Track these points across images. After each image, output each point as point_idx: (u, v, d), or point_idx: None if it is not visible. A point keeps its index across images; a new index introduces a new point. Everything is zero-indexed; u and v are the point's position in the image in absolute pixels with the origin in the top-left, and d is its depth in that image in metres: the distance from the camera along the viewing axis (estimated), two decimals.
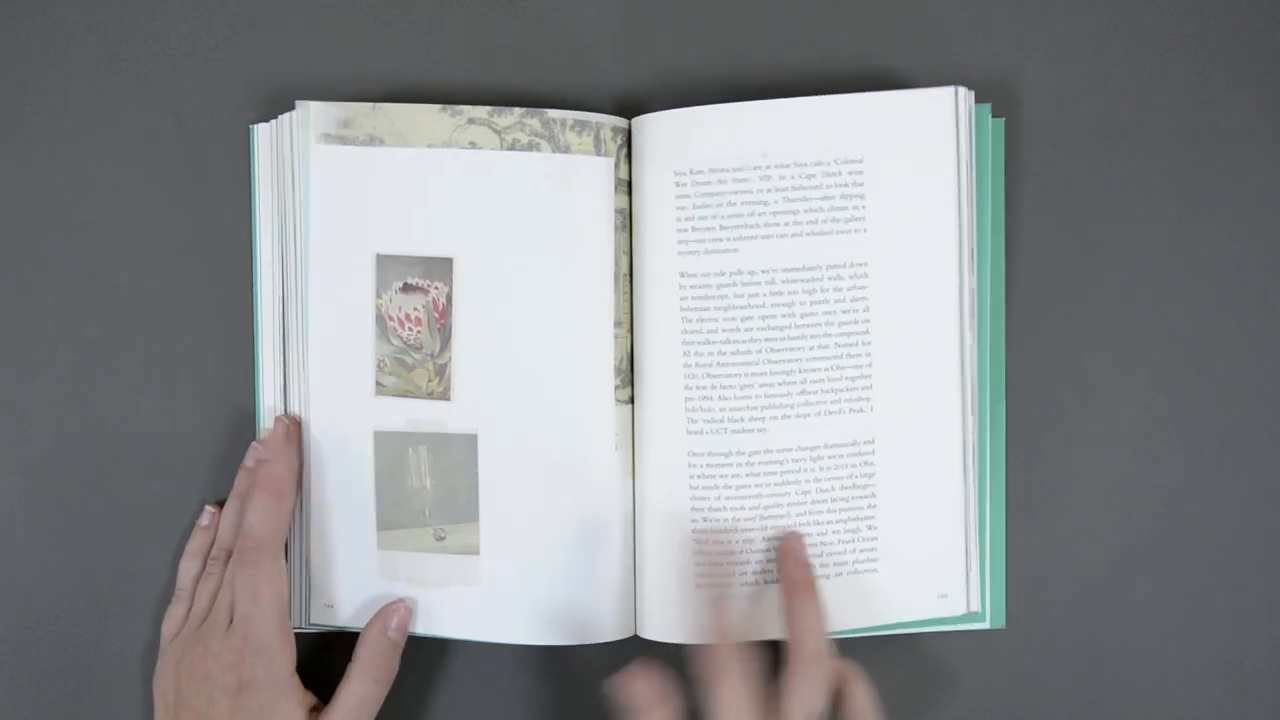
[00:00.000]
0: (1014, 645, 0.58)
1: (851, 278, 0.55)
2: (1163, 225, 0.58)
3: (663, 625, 0.57)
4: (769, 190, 0.55)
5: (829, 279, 0.55)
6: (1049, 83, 0.58)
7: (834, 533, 0.56)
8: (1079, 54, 0.58)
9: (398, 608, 0.56)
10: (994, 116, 0.57)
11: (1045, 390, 0.58)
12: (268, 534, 0.55)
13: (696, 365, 0.55)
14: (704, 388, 0.55)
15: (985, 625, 0.57)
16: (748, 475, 0.55)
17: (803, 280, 0.55)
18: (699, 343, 0.55)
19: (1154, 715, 0.58)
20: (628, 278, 0.57)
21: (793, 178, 0.55)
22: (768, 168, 0.55)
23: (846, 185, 0.55)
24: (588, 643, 0.56)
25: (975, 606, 0.56)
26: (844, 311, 0.55)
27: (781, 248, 0.55)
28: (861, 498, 0.55)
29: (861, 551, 0.56)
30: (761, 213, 0.55)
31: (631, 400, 0.57)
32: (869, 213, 0.55)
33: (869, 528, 0.55)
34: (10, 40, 0.60)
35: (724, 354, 0.55)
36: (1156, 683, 0.57)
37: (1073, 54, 0.58)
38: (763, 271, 0.55)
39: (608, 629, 0.57)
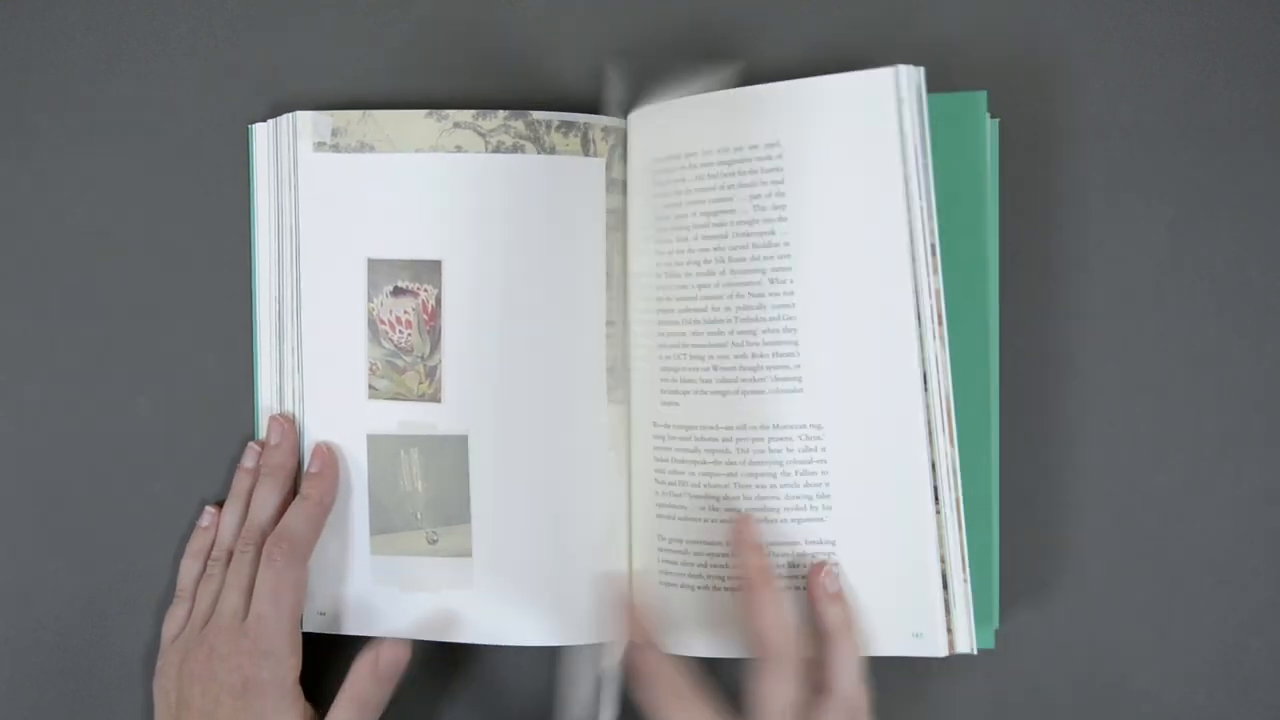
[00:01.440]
0: (1012, 645, 0.58)
1: (775, 271, 0.53)
2: (1162, 225, 0.57)
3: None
4: (698, 180, 0.54)
5: (754, 270, 0.53)
6: (1048, 82, 0.58)
7: (798, 550, 0.53)
8: (1078, 54, 0.58)
9: (394, 647, 0.55)
10: (991, 117, 0.57)
11: (1044, 391, 0.58)
12: (304, 536, 0.55)
13: (664, 369, 0.55)
14: (670, 391, 0.55)
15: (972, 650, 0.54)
16: (704, 473, 0.54)
17: (729, 277, 0.53)
18: (668, 345, 0.55)
19: (1154, 716, 0.57)
20: (623, 277, 0.57)
21: (715, 170, 0.53)
22: (692, 157, 0.54)
23: (767, 173, 0.53)
24: (583, 643, 0.56)
25: (964, 647, 0.53)
26: (771, 319, 0.53)
27: (715, 242, 0.54)
28: (812, 520, 0.53)
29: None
30: (692, 204, 0.54)
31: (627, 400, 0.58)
32: (790, 208, 0.52)
33: (830, 558, 0.53)
34: (10, 40, 0.61)
35: (684, 357, 0.54)
36: (1156, 683, 0.57)
37: (1072, 54, 0.58)
38: (702, 263, 0.54)
39: (603, 629, 0.57)
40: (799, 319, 0.53)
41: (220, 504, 0.59)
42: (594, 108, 0.59)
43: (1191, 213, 0.57)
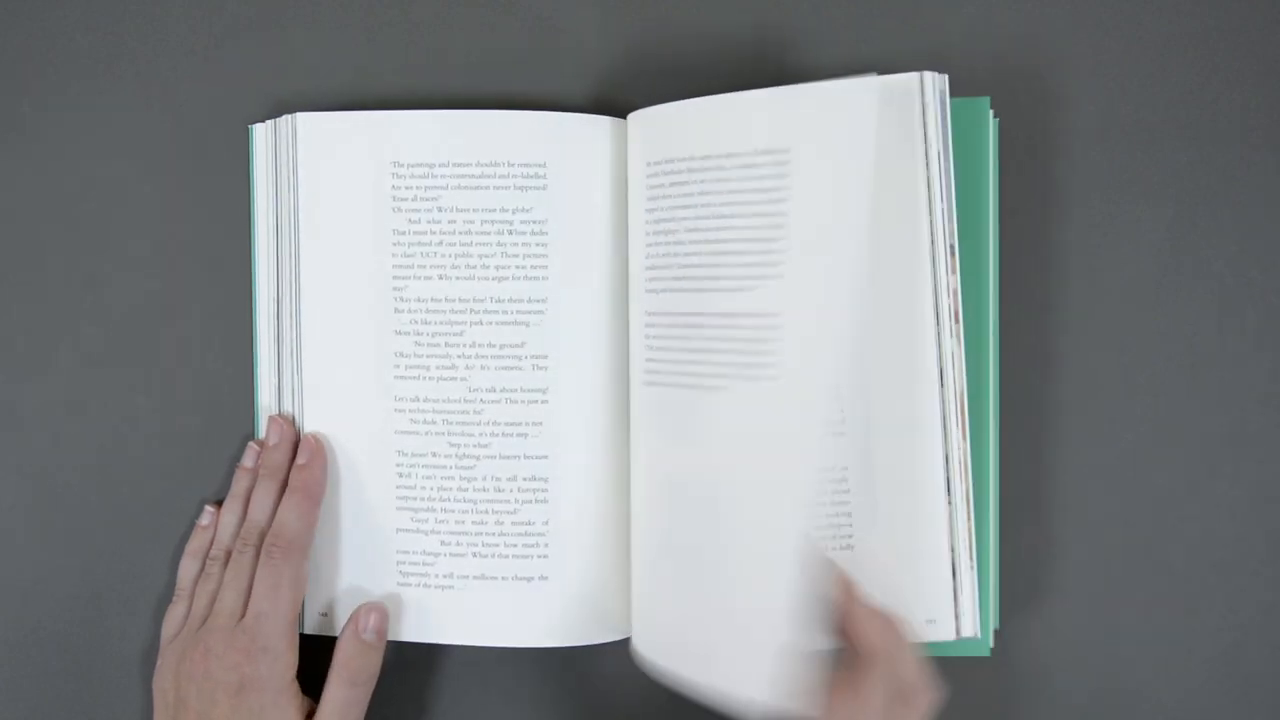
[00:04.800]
0: (1012, 646, 0.58)
1: (781, 270, 0.51)
2: (1162, 225, 0.58)
3: (655, 627, 0.56)
4: (714, 183, 0.53)
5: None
6: (1048, 82, 0.58)
7: (817, 536, 0.54)
8: (1079, 54, 0.58)
9: (372, 610, 0.56)
10: (991, 116, 0.57)
11: (1044, 391, 0.58)
12: (300, 533, 0.55)
13: (657, 375, 0.55)
14: (663, 395, 0.55)
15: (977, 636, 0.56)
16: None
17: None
18: (660, 372, 0.55)
19: (1154, 716, 0.57)
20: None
21: (730, 174, 0.52)
22: (706, 160, 0.53)
23: (770, 180, 0.51)
24: (586, 644, 0.56)
25: (969, 632, 0.54)
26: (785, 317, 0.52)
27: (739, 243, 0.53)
28: (832, 508, 0.54)
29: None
30: (711, 204, 0.53)
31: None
32: (791, 216, 0.51)
33: (848, 546, 0.54)
34: (10, 40, 0.61)
35: (679, 372, 0.54)
36: (1156, 683, 0.57)
37: (1071, 54, 0.58)
38: (716, 265, 0.53)
39: (606, 630, 0.57)
40: (810, 317, 0.51)
41: (220, 503, 0.59)
42: (595, 108, 0.59)
43: (1191, 213, 0.57)
